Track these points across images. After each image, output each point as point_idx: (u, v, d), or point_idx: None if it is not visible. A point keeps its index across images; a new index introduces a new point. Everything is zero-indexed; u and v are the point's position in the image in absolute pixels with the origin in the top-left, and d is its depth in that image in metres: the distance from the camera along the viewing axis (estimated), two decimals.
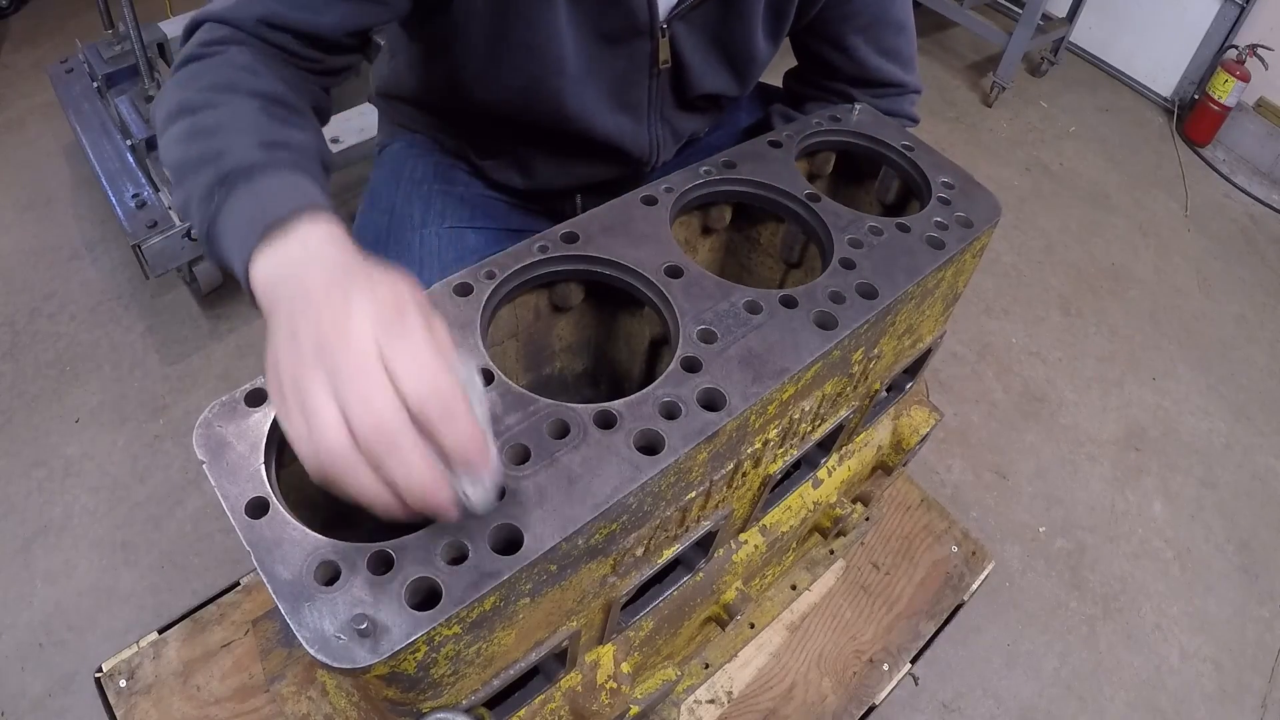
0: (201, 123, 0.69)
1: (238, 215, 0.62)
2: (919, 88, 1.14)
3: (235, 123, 0.68)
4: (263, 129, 0.68)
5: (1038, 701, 1.66)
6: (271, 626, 1.06)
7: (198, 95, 0.70)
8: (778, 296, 0.74)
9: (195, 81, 0.72)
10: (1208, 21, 3.16)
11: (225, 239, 0.63)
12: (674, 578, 0.86)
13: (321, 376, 0.48)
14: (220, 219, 0.63)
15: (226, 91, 0.71)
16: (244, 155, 0.65)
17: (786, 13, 0.98)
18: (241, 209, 0.62)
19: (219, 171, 0.64)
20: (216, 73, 0.73)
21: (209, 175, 0.65)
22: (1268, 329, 2.55)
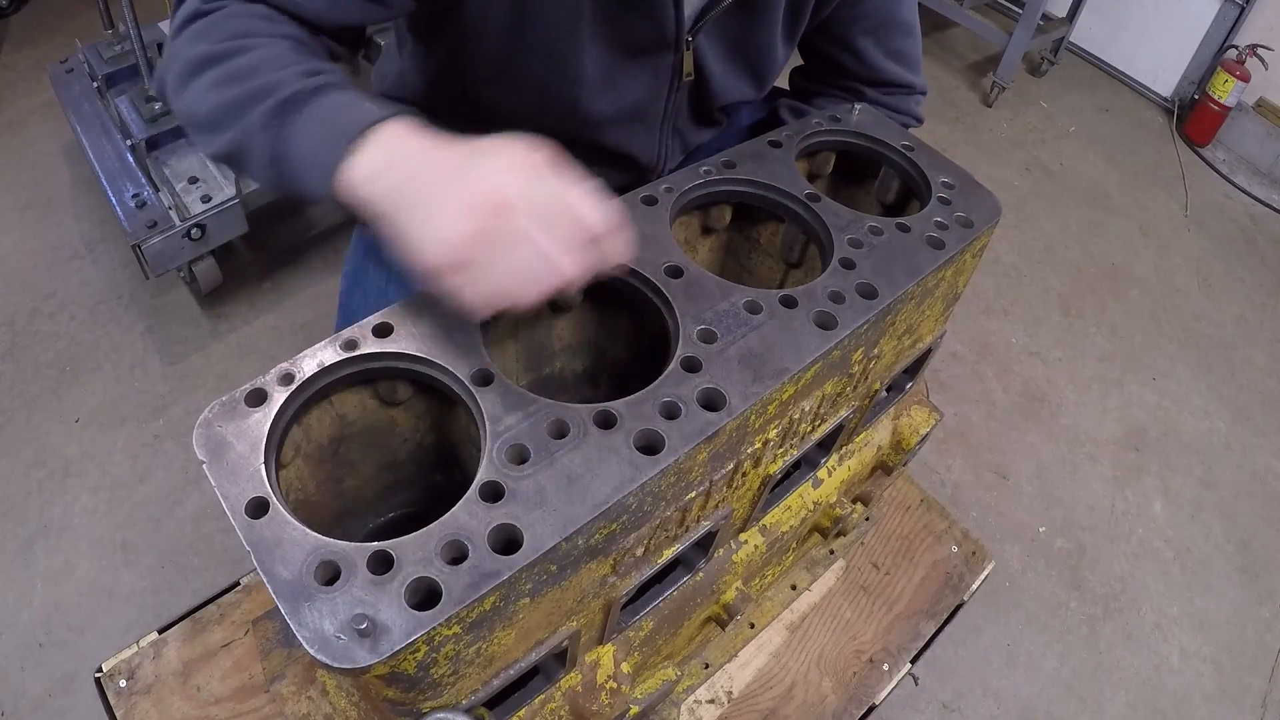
0: (236, 67, 0.69)
1: (313, 134, 0.65)
2: (924, 88, 1.14)
3: (273, 61, 0.69)
4: (302, 62, 0.70)
5: (1038, 701, 1.66)
6: (271, 626, 1.06)
7: (220, 45, 0.71)
8: (778, 296, 0.74)
9: (212, 34, 0.72)
10: (1208, 21, 3.16)
11: (301, 157, 0.65)
12: (674, 578, 0.86)
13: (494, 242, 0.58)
14: (291, 142, 0.66)
15: (250, 37, 0.71)
16: (297, 83, 0.67)
17: (803, 14, 0.98)
18: (315, 127, 0.65)
19: (277, 100, 0.66)
20: (233, 24, 0.73)
21: (266, 106, 0.66)
22: (1268, 329, 2.55)
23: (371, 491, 0.82)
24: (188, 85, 0.72)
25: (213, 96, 0.70)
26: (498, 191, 0.59)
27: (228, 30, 0.72)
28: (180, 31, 0.75)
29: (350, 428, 0.74)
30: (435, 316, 0.70)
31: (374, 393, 0.73)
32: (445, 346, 0.67)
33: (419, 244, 0.59)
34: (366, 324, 0.69)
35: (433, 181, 0.60)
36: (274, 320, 2.11)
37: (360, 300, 1.04)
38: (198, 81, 0.71)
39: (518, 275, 0.60)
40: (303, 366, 0.65)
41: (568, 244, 0.60)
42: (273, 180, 0.69)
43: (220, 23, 0.73)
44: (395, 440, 0.79)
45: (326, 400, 0.70)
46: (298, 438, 0.69)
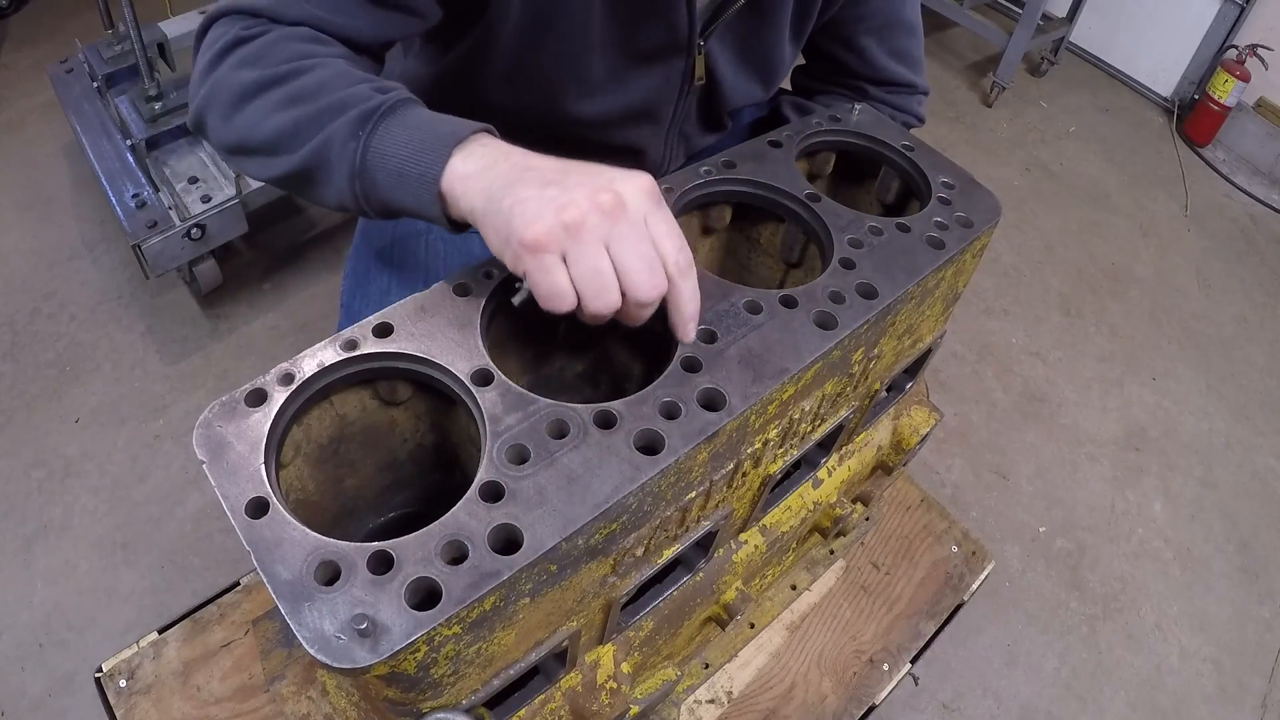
0: (299, 87, 0.69)
1: (409, 142, 0.66)
2: (927, 89, 1.14)
3: (339, 78, 0.70)
4: (369, 79, 0.70)
5: (1038, 701, 1.66)
6: (271, 626, 1.06)
7: (277, 68, 0.70)
8: (778, 296, 0.74)
9: (264, 59, 0.71)
10: (1208, 21, 3.16)
11: (394, 166, 0.66)
12: (674, 578, 0.86)
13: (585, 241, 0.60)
14: (380, 152, 0.66)
15: (307, 59, 0.71)
16: (375, 97, 0.67)
17: (810, 14, 0.98)
18: (410, 135, 0.66)
19: (360, 112, 0.66)
20: (285, 47, 0.72)
21: (347, 120, 0.67)
22: (1268, 329, 2.55)
23: (371, 491, 0.82)
24: (240, 111, 0.71)
25: (278, 117, 0.69)
26: (614, 195, 0.61)
27: (281, 54, 0.71)
28: (220, 61, 0.73)
29: (350, 428, 0.74)
30: (435, 316, 0.70)
31: (374, 393, 0.73)
32: (445, 346, 0.68)
33: (521, 218, 0.60)
34: (366, 324, 0.69)
35: (542, 176, 0.62)
36: (274, 320, 2.11)
37: (362, 301, 1.04)
38: (255, 105, 0.70)
39: (596, 280, 0.61)
40: (303, 366, 0.65)
41: (650, 272, 0.62)
42: (352, 194, 0.69)
43: (270, 47, 0.72)
44: (395, 440, 0.79)
45: (326, 400, 0.70)
46: (298, 438, 0.69)
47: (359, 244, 1.11)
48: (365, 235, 1.11)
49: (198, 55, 0.77)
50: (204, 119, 0.76)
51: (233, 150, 0.75)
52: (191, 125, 0.79)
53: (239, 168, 0.77)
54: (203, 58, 0.75)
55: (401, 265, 1.05)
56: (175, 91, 1.99)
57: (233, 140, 0.74)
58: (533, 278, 0.61)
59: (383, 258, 1.06)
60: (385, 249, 1.06)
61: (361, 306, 1.04)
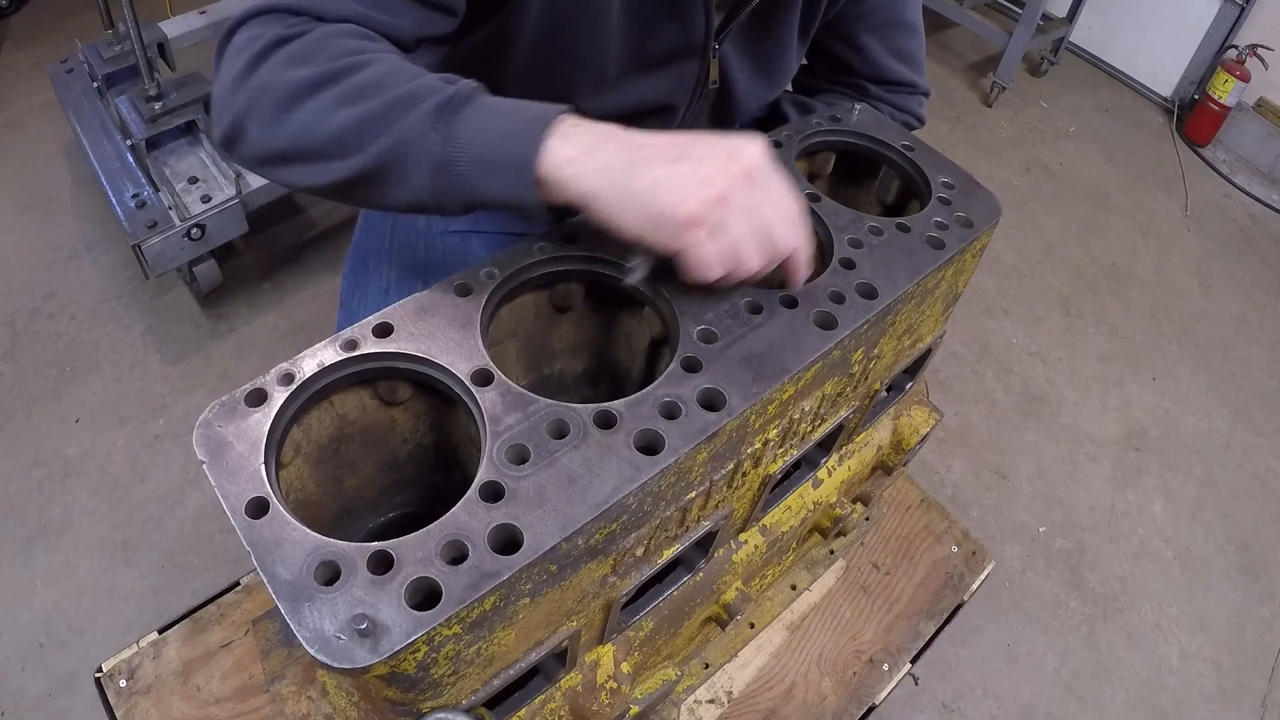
0: (360, 82, 0.66)
1: (497, 128, 0.64)
2: (928, 90, 1.14)
3: (400, 72, 0.67)
4: (428, 71, 0.68)
5: (1038, 701, 1.66)
6: (271, 626, 1.06)
7: (331, 65, 0.67)
8: (778, 296, 0.74)
9: (314, 56, 0.68)
10: (1208, 21, 3.16)
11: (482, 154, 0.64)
12: (674, 578, 0.86)
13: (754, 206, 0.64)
14: (466, 140, 0.64)
15: (361, 54, 0.68)
16: (447, 87, 0.66)
17: (816, 14, 0.99)
18: (496, 122, 0.65)
19: (435, 103, 0.64)
20: (335, 43, 0.69)
21: (423, 111, 0.64)
22: (1268, 329, 2.55)
23: (371, 491, 0.82)
24: (291, 112, 0.67)
25: (339, 116, 0.66)
26: (744, 163, 0.64)
27: (332, 50, 0.68)
28: (261, 62, 0.69)
29: (350, 428, 0.74)
30: (435, 316, 0.70)
31: (374, 393, 0.73)
32: (445, 346, 0.68)
33: (668, 197, 0.62)
34: (366, 324, 0.69)
35: (663, 151, 0.64)
36: (274, 320, 2.11)
37: (361, 300, 1.04)
38: (310, 105, 0.66)
39: (746, 243, 0.65)
40: (303, 366, 0.65)
41: (785, 227, 0.67)
42: (431, 190, 0.66)
43: (319, 44, 0.68)
44: (395, 440, 0.79)
45: (326, 400, 0.70)
46: (298, 438, 0.69)
47: (358, 243, 1.11)
48: (365, 234, 1.10)
49: (224, 61, 0.71)
50: (243, 127, 0.70)
51: (280, 158, 0.70)
52: (222, 138, 0.72)
53: (282, 177, 0.71)
54: (234, 62, 0.70)
55: (401, 265, 1.05)
56: (175, 91, 1.99)
57: (281, 146, 0.69)
58: (690, 252, 0.64)
59: (382, 257, 1.06)
60: (385, 248, 1.06)
61: (361, 305, 1.04)
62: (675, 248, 0.64)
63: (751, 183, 0.64)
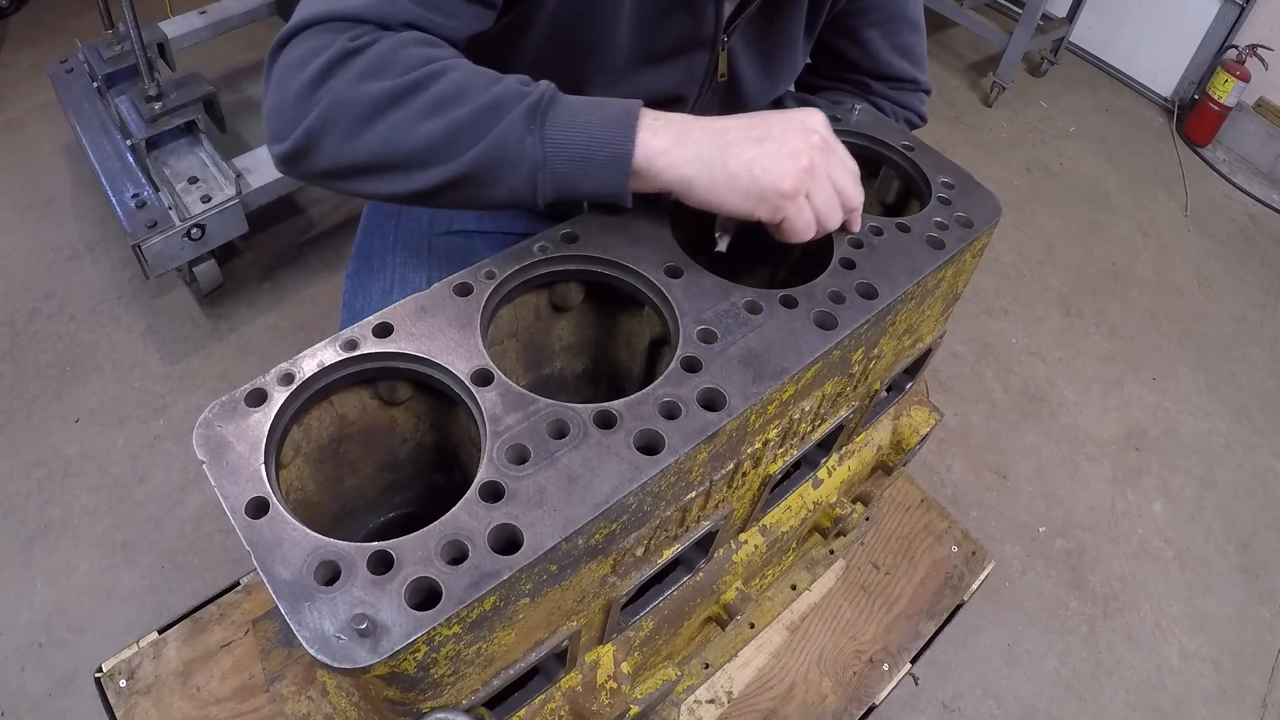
0: (442, 91, 0.68)
1: (588, 127, 0.68)
2: (929, 87, 1.15)
3: (477, 77, 0.70)
4: (505, 75, 0.71)
5: (1038, 701, 1.66)
6: (271, 626, 1.06)
7: (408, 77, 0.68)
8: (778, 296, 0.74)
9: (388, 69, 0.68)
10: (1208, 21, 3.16)
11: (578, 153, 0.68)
12: (674, 578, 0.86)
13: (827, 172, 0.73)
14: (560, 143, 0.68)
15: (433, 62, 0.69)
16: (531, 90, 0.69)
17: (822, 9, 0.99)
18: (586, 120, 0.69)
19: (525, 107, 0.68)
20: (406, 53, 0.69)
21: (515, 116, 0.68)
22: (1268, 329, 2.55)
23: (371, 491, 0.82)
24: (374, 125, 0.67)
25: (427, 126, 0.67)
26: (818, 134, 0.72)
27: (405, 61, 0.68)
28: (329, 76, 0.68)
29: (350, 428, 0.74)
30: (435, 316, 0.70)
31: (374, 393, 0.73)
32: (445, 346, 0.68)
33: (767, 174, 0.69)
34: (366, 324, 0.69)
35: (746, 133, 0.71)
36: (274, 320, 2.11)
37: (364, 300, 1.04)
38: (393, 117, 0.67)
39: (830, 203, 0.73)
40: (303, 366, 0.65)
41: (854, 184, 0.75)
42: (530, 188, 0.69)
43: (391, 56, 0.69)
44: (395, 440, 0.80)
45: (326, 400, 0.70)
46: (298, 438, 0.69)
47: (361, 243, 1.11)
48: (367, 234, 1.10)
49: (281, 74, 0.70)
50: (315, 142, 0.69)
51: (359, 170, 0.70)
52: (288, 153, 0.71)
53: (358, 188, 0.72)
54: (298, 76, 0.69)
55: (404, 264, 1.05)
56: (175, 91, 1.99)
57: (361, 159, 0.69)
58: (791, 220, 0.71)
59: (385, 256, 1.06)
60: (388, 248, 1.06)
61: (363, 305, 1.04)
62: (777, 219, 0.71)
63: (827, 149, 0.73)
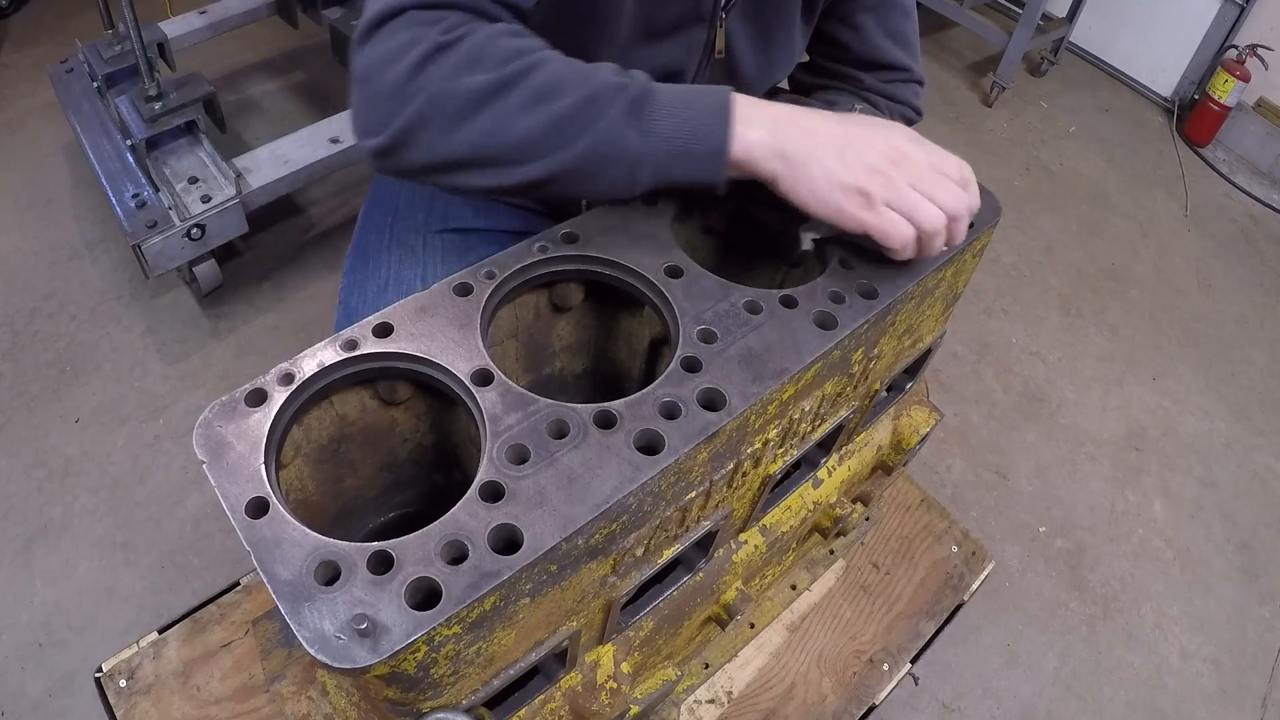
0: (540, 87, 0.69)
1: (687, 118, 0.70)
2: (922, 78, 1.15)
3: (572, 68, 0.71)
4: (596, 66, 0.73)
5: (1038, 701, 1.66)
6: (271, 626, 1.06)
7: (505, 70, 0.69)
8: (778, 296, 0.74)
9: (483, 61, 0.69)
10: (1208, 21, 3.16)
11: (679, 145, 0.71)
12: (674, 578, 0.86)
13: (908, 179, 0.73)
14: (662, 133, 0.70)
15: (527, 54, 0.71)
16: (631, 81, 0.71)
17: None
18: (685, 112, 0.71)
19: (628, 99, 0.70)
20: (499, 45, 0.71)
21: (619, 108, 0.69)
22: (1268, 329, 2.55)
23: (371, 491, 0.82)
24: (474, 119, 0.69)
25: (528, 120, 0.68)
26: (900, 147, 0.74)
27: (500, 53, 0.69)
28: (423, 69, 0.68)
29: (350, 428, 0.74)
30: (435, 316, 0.70)
31: (374, 393, 0.73)
32: (445, 346, 0.68)
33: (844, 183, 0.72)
34: (366, 324, 0.69)
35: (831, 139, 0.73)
36: (274, 320, 2.11)
37: (360, 300, 1.04)
38: (493, 110, 0.68)
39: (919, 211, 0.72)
40: (303, 366, 0.65)
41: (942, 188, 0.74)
42: (628, 182, 0.72)
43: (486, 48, 0.70)
44: (395, 440, 0.80)
45: (326, 400, 0.70)
46: (298, 438, 0.69)
47: (358, 240, 1.11)
48: (364, 232, 1.10)
49: (374, 67, 0.70)
50: (414, 136, 0.70)
51: (458, 164, 0.71)
52: (383, 148, 0.71)
53: (455, 181, 0.73)
54: (391, 70, 0.69)
55: (400, 262, 1.05)
56: (175, 91, 1.99)
57: (460, 153, 0.70)
58: (878, 229, 0.73)
59: (381, 254, 1.06)
60: (384, 245, 1.06)
61: (359, 303, 1.04)
62: (855, 226, 0.73)
63: (904, 160, 0.73)
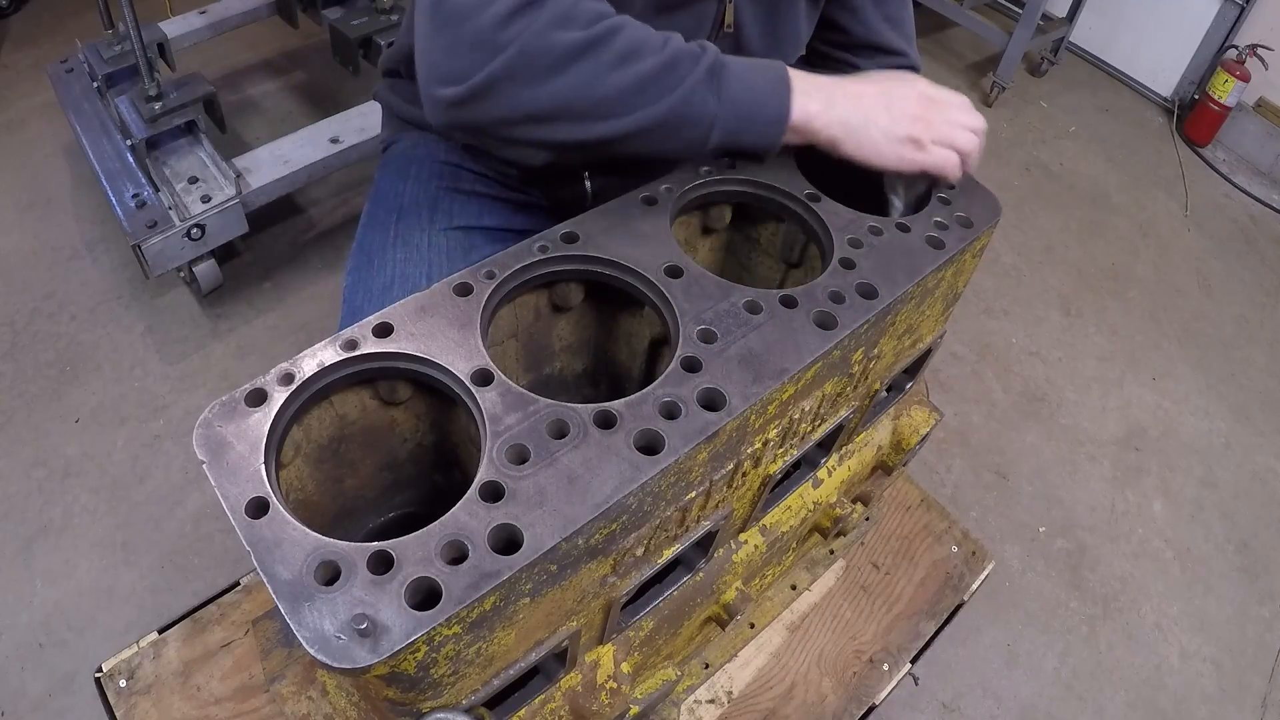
0: (625, 45, 0.75)
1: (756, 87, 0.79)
2: (918, 64, 1.16)
3: (651, 36, 0.77)
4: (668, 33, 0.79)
5: (1038, 701, 1.66)
6: (271, 626, 1.06)
7: (593, 29, 0.74)
8: (778, 296, 0.74)
9: (574, 20, 0.74)
10: (1208, 21, 3.16)
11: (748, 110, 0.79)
12: (674, 578, 0.86)
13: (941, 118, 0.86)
14: (735, 99, 0.78)
15: (608, 17, 0.76)
16: (701, 53, 0.78)
17: None
18: (754, 80, 0.79)
19: (707, 65, 0.77)
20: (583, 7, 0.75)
21: (699, 73, 0.76)
22: (1268, 329, 2.55)
23: (371, 491, 0.82)
24: (564, 73, 0.73)
25: (616, 78, 0.74)
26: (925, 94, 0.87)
27: (586, 14, 0.75)
28: (512, 21, 0.72)
29: (350, 428, 0.74)
30: (435, 316, 0.70)
31: (374, 393, 0.73)
32: (445, 346, 0.68)
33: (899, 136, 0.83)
34: (366, 324, 0.69)
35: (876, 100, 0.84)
36: (274, 320, 2.11)
37: (365, 298, 1.04)
38: (583, 67, 0.73)
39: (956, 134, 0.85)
40: (303, 366, 0.65)
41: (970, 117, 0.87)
42: (701, 141, 0.79)
43: (573, 9, 0.74)
44: (395, 440, 0.80)
45: (326, 400, 0.70)
46: (298, 438, 0.69)
47: (362, 239, 1.11)
48: (368, 230, 1.11)
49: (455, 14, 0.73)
50: (500, 87, 0.73)
51: (539, 117, 0.75)
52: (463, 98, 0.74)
53: (533, 134, 0.77)
54: (476, 19, 0.72)
55: (405, 260, 1.05)
56: (175, 91, 1.99)
57: (546, 106, 0.74)
58: (932, 162, 0.85)
59: (385, 252, 1.07)
60: (389, 243, 1.07)
61: (364, 301, 1.04)
62: (915, 168, 0.85)
63: (932, 103, 0.86)
